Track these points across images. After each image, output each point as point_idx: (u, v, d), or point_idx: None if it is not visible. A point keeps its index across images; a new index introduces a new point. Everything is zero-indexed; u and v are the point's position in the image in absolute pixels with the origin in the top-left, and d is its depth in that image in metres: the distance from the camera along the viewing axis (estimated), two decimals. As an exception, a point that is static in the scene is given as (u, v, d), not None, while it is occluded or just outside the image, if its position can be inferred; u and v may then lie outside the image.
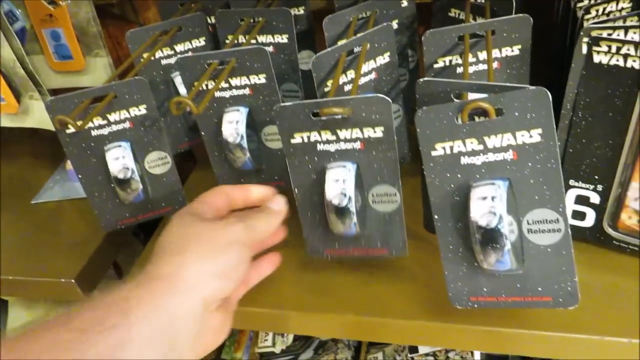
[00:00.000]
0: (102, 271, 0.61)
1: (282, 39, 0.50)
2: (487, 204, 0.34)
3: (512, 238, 0.35)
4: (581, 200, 0.46)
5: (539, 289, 0.37)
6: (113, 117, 0.47)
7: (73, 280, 0.55)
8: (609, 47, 0.38)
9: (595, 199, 0.45)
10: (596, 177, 0.44)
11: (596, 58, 0.39)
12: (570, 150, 0.44)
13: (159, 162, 0.50)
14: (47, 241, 0.62)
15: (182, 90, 0.56)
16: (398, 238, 0.43)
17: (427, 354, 0.68)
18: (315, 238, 0.45)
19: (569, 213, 0.47)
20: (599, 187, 0.44)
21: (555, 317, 0.42)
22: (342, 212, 0.40)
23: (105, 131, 0.48)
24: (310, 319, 0.47)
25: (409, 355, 0.68)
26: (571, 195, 0.46)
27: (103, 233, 0.60)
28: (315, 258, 0.46)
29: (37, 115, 0.64)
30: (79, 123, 0.44)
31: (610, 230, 0.45)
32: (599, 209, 0.45)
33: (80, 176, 0.49)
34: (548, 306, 0.37)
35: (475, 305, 0.39)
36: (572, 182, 0.45)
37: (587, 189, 0.45)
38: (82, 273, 0.57)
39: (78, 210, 0.66)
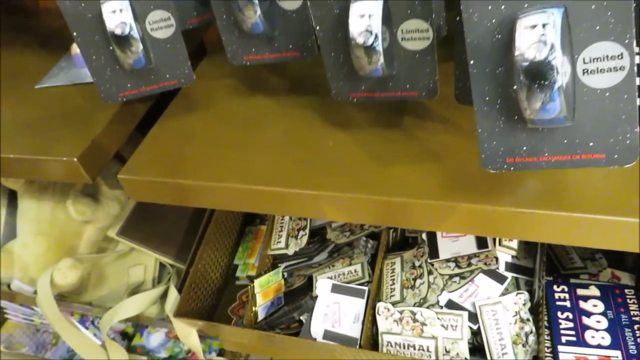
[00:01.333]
0: (106, 155, 0.58)
1: None
2: (537, 32, 0.28)
3: (563, 81, 0.30)
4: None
5: (590, 144, 0.31)
6: (109, -37, 0.42)
7: (75, 159, 0.53)
8: None
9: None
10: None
11: None
12: None
13: (161, 24, 0.45)
14: (51, 124, 0.59)
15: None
16: (429, 78, 0.38)
17: (447, 260, 0.64)
18: (340, 80, 0.41)
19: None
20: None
21: (604, 200, 0.37)
22: (367, 51, 0.35)
23: (100, -20, 0.43)
24: (324, 200, 0.44)
25: (429, 260, 0.64)
26: None
27: (108, 117, 0.57)
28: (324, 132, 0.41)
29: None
30: (70, -37, 0.40)
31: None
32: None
33: (75, 34, 0.45)
34: (600, 165, 0.32)
35: (512, 168, 0.34)
36: None
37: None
38: (85, 153, 0.54)
39: (83, 96, 0.62)
